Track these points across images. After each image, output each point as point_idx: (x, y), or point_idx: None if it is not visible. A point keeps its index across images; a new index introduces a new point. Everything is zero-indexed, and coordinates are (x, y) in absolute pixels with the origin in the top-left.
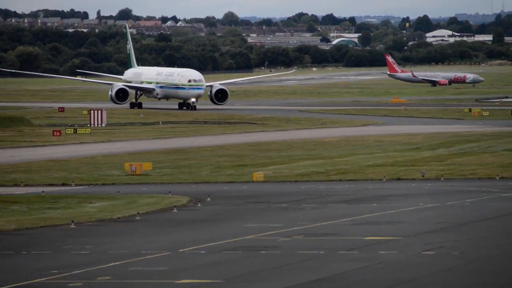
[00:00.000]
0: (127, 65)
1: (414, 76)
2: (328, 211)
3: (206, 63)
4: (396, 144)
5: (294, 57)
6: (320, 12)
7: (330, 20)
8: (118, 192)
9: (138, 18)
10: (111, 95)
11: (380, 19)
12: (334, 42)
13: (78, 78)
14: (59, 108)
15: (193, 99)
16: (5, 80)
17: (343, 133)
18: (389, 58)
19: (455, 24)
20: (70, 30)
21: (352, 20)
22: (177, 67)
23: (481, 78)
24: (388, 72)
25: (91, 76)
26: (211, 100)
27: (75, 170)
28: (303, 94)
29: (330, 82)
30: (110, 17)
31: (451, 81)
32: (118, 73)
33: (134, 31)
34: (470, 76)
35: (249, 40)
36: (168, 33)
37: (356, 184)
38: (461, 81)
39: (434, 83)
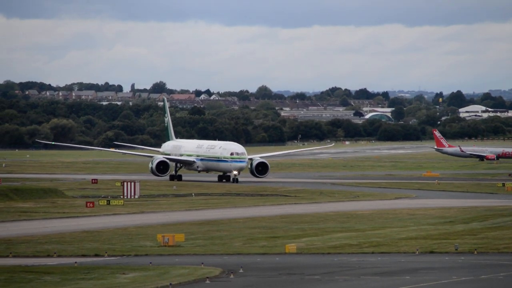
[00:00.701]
0: (160, 137)
1: (462, 151)
2: (361, 284)
3: (239, 136)
4: (429, 217)
5: (327, 131)
6: (354, 87)
7: (364, 94)
8: (150, 263)
9: (172, 92)
10: (151, 167)
11: (413, 94)
12: (367, 116)
13: (112, 150)
14: (92, 180)
15: (235, 172)
16: (39, 152)
17: (376, 206)
18: (437, 133)
19: (489, 99)
20: (104, 103)
21: (385, 94)
22: (210, 139)
23: None
24: (436, 147)
25: (124, 148)
26: (252, 173)
27: (107, 241)
28: (336, 167)
29: (362, 156)
30: (144, 90)
31: (499, 156)
32: (151, 145)
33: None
34: None
35: (282, 113)
36: (201, 106)
37: (389, 257)
38: (509, 156)
39: (482, 157)
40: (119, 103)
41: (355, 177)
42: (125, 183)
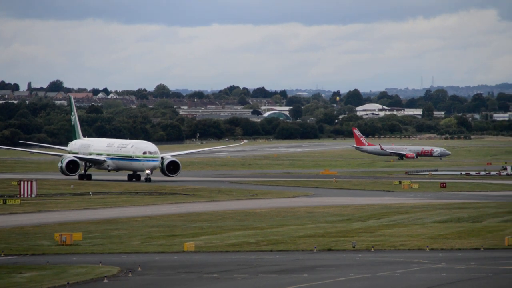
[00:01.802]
0: (57, 136)
1: (382, 149)
2: (259, 281)
3: (138, 134)
4: (327, 215)
5: (225, 129)
6: (252, 86)
7: (262, 93)
8: (48, 262)
9: (69, 90)
10: (61, 166)
11: (311, 93)
12: (265, 114)
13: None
14: None
15: (148, 171)
16: None
17: (274, 204)
18: (356, 132)
19: (385, 98)
20: (0, 102)
21: (283, 93)
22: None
23: (448, 152)
24: (355, 145)
25: (23, 147)
26: (163, 172)
27: (4, 240)
28: (234, 165)
29: (261, 154)
30: (41, 89)
31: (418, 154)
32: (48, 144)
33: (65, 102)
34: (437, 150)
35: (181, 112)
36: (99, 105)
37: (287, 255)
38: (428, 154)
39: (401, 156)
40: (15, 101)
41: (253, 176)
42: (22, 182)
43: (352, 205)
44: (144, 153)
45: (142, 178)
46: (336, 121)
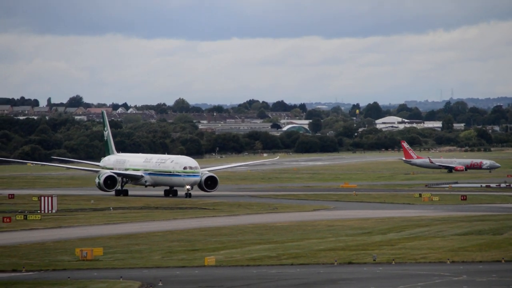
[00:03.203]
0: (77, 151)
1: (431, 162)
2: None
3: (157, 149)
4: (347, 228)
5: (244, 143)
6: (271, 99)
7: (281, 106)
8: (69, 277)
9: (88, 105)
10: (99, 182)
11: (330, 106)
12: (285, 128)
13: (30, 163)
14: (8, 195)
15: (188, 186)
16: None
17: (295, 218)
18: (405, 145)
19: (405, 110)
20: (21, 118)
21: (302, 106)
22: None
23: (497, 164)
24: (404, 158)
25: (40, 164)
26: (200, 187)
27: (25, 256)
28: (253, 179)
29: (280, 168)
30: (61, 104)
31: (467, 167)
32: (60, 160)
33: (84, 118)
34: (486, 162)
35: (200, 126)
36: (118, 119)
37: (307, 268)
38: (478, 167)
39: (450, 169)
40: (35, 117)
41: (273, 189)
42: (43, 198)
43: (373, 218)
44: (185, 168)
45: (182, 193)
46: (356, 134)
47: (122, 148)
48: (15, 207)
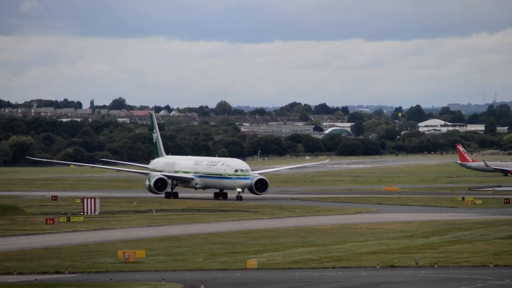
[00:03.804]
0: (120, 153)
1: (487, 166)
2: None
3: (199, 151)
4: (389, 231)
5: (287, 146)
6: (313, 102)
7: (323, 109)
8: (111, 279)
9: (131, 108)
10: (149, 184)
11: (372, 109)
12: (327, 131)
13: (73, 165)
14: (52, 196)
15: (239, 189)
16: None
17: (337, 221)
18: (460, 148)
19: (448, 114)
20: (64, 120)
21: (345, 109)
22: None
23: None
24: (459, 161)
25: (89, 166)
26: (250, 189)
27: (68, 258)
28: (296, 182)
29: (323, 171)
30: (104, 106)
31: None
32: (106, 162)
33: (127, 120)
34: None
35: (242, 129)
36: (161, 122)
37: (349, 272)
38: None
39: (506, 172)
40: (78, 119)
41: (315, 192)
42: (85, 200)
43: (415, 222)
44: (236, 171)
45: (232, 196)
46: (398, 137)
47: (165, 150)
48: (58, 209)
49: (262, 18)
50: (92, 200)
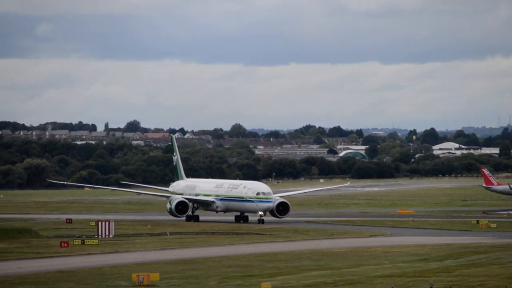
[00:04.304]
0: (134, 176)
1: (511, 189)
2: None
3: (214, 174)
4: (404, 255)
5: (301, 169)
6: (328, 125)
7: (338, 132)
8: None
9: (146, 130)
10: (170, 208)
11: (387, 132)
12: (341, 154)
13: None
14: (66, 219)
15: (261, 212)
16: (13, 192)
17: (351, 244)
18: (485, 171)
19: (462, 137)
20: (78, 143)
21: (359, 132)
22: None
23: None
24: (484, 185)
25: (98, 189)
26: (271, 213)
27: (82, 281)
28: (310, 205)
29: (337, 194)
30: (118, 129)
31: None
32: (125, 185)
33: (141, 143)
34: None
35: (257, 151)
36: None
37: None
38: None
39: None
40: (93, 142)
41: (329, 215)
42: (100, 223)
43: (429, 245)
44: (258, 194)
45: (253, 219)
46: (413, 160)
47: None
48: (73, 232)
49: (278, 40)
50: (107, 223)
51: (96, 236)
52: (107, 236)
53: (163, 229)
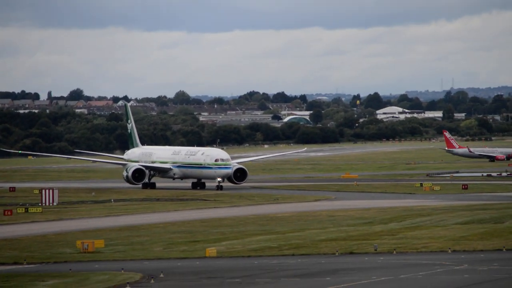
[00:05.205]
0: (78, 144)
1: (470, 152)
2: (282, 286)
3: (158, 141)
4: (348, 218)
5: (245, 135)
6: (272, 91)
7: (282, 98)
8: (70, 269)
9: (89, 98)
10: (127, 175)
11: (331, 97)
12: (286, 119)
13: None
14: (10, 188)
15: (219, 179)
16: None
17: (296, 209)
18: (447, 134)
19: (406, 101)
20: (21, 111)
21: (303, 98)
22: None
23: None
24: (446, 148)
25: (42, 157)
26: (229, 179)
27: (26, 249)
28: (255, 170)
29: (282, 159)
30: (61, 97)
31: (509, 156)
32: (69, 153)
33: (85, 111)
34: None
35: (201, 118)
36: (119, 112)
37: (309, 259)
38: None
39: (492, 158)
40: (36, 111)
41: (274, 180)
42: (43, 191)
43: (374, 208)
44: (216, 160)
45: (211, 185)
46: (357, 124)
47: (123, 140)
48: (16, 200)
49: (221, 7)
50: (51, 191)
51: (40, 204)
52: (51, 204)
53: (107, 197)
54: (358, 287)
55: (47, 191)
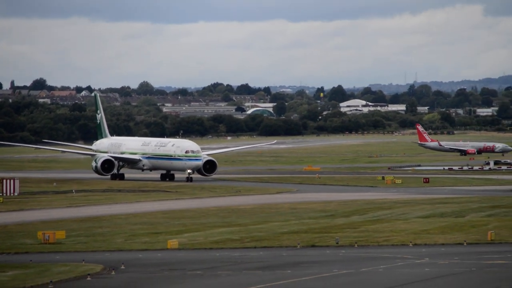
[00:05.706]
0: (40, 134)
1: (440, 145)
2: (243, 278)
3: (121, 132)
4: (310, 211)
5: (209, 126)
6: (235, 82)
7: (245, 90)
8: (31, 260)
9: (52, 88)
10: (96, 166)
11: (295, 89)
12: (249, 111)
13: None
14: None
15: (189, 171)
16: None
17: (258, 201)
18: (420, 128)
19: (369, 94)
20: None
21: (267, 90)
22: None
23: (510, 148)
24: (419, 142)
25: (4, 146)
26: (199, 171)
27: None
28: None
29: (244, 151)
30: (24, 87)
31: (480, 150)
32: (32, 142)
33: (48, 100)
34: (499, 146)
35: (164, 109)
36: (82, 102)
37: (270, 251)
38: (490, 150)
39: (463, 152)
40: None
41: (236, 172)
42: (4, 180)
43: (336, 201)
44: (187, 152)
45: (180, 177)
46: (320, 117)
47: (86, 131)
48: None
49: None
50: (11, 181)
51: (0, 194)
52: (11, 194)
53: (69, 187)
54: (319, 280)
55: (8, 181)
